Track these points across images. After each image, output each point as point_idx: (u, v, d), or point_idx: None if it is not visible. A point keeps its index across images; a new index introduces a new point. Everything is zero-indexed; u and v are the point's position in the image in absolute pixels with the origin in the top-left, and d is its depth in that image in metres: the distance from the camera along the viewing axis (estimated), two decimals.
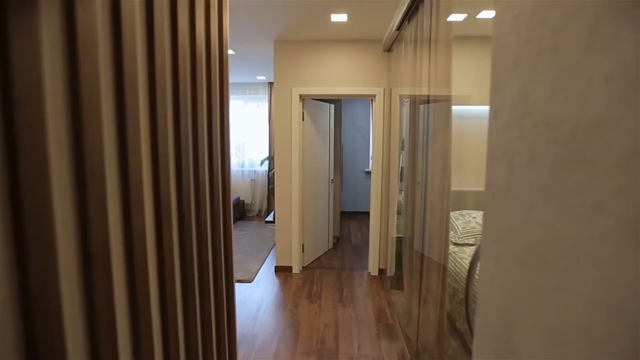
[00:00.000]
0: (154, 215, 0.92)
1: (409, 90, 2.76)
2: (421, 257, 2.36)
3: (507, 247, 0.62)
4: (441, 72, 2.03)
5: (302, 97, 3.72)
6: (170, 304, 0.98)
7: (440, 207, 1.92)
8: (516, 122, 0.60)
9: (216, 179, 1.34)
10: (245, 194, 6.78)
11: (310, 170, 4.03)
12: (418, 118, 2.51)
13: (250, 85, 6.53)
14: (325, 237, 4.50)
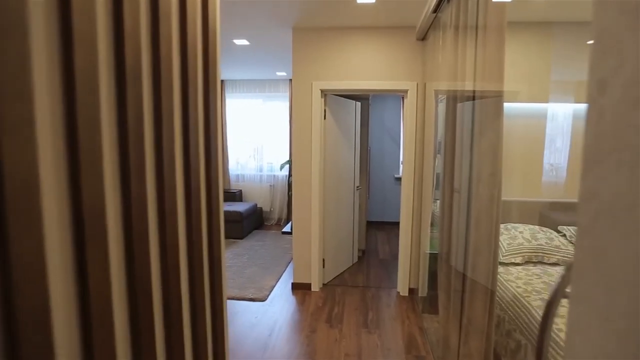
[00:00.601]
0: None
1: (448, 84, 2.53)
2: (462, 277, 2.11)
3: (624, 294, 0.41)
4: (491, 63, 1.81)
5: (324, 93, 3.56)
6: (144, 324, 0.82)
7: (488, 219, 1.68)
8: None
9: (195, 182, 1.18)
10: (263, 201, 6.68)
11: (332, 176, 3.84)
12: (460, 117, 2.28)
13: (270, 82, 6.44)
14: (348, 250, 4.29)
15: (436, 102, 3.16)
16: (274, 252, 4.87)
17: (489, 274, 1.72)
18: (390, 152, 6.42)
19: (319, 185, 3.60)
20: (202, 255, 1.21)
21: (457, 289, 2.20)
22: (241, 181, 6.77)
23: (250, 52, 4.47)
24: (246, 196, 6.73)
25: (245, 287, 3.73)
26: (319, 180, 3.59)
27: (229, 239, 5.53)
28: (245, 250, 5.01)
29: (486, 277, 1.74)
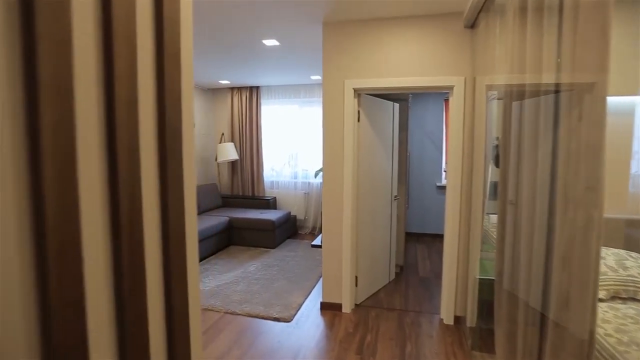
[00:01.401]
0: None
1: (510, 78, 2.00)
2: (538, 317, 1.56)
3: None
4: (587, 48, 1.30)
5: (357, 92, 3.10)
6: None
7: (584, 248, 1.14)
8: None
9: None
10: (297, 209, 6.30)
11: (367, 184, 3.36)
12: (532, 115, 1.75)
13: (305, 87, 6.08)
14: (385, 266, 3.77)
15: (489, 99, 2.60)
16: (305, 265, 4.44)
17: (584, 322, 1.17)
18: (432, 158, 5.81)
19: (352, 195, 3.13)
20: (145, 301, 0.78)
21: (529, 330, 1.64)
22: (275, 188, 6.44)
23: (281, 54, 4.12)
24: (280, 204, 6.38)
25: (271, 304, 3.32)
26: (351, 188, 3.12)
27: (261, 248, 5.18)
28: (276, 260, 4.62)
29: (581, 325, 1.19)
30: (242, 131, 6.37)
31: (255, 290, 3.64)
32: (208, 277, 4.02)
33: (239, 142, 6.40)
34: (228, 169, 6.54)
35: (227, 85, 6.18)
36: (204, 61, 4.54)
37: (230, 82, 5.95)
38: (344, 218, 3.15)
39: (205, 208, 5.71)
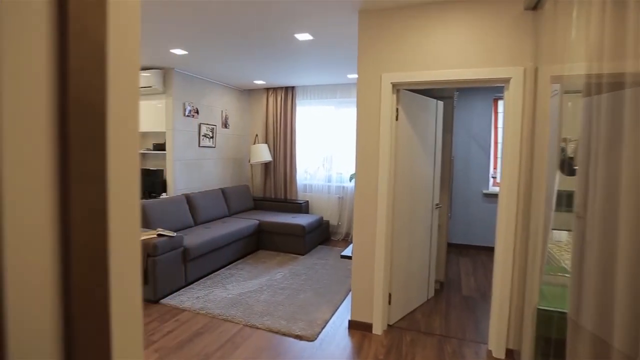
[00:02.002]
0: None
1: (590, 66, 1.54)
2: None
3: None
4: None
5: (396, 87, 2.70)
6: None
7: None
8: None
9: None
10: (330, 214, 5.94)
11: (405, 190, 2.94)
12: (633, 111, 1.29)
13: (341, 87, 5.73)
14: (422, 282, 3.31)
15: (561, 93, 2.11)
16: (334, 275, 4.07)
17: None
18: (478, 162, 5.22)
19: (387, 201, 2.73)
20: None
21: None
22: (308, 192, 6.12)
23: (315, 50, 3.80)
24: (313, 208, 6.05)
25: (295, 319, 2.98)
26: (387, 194, 2.72)
27: (290, 254, 4.88)
28: (305, 268, 4.29)
29: None
30: (276, 132, 6.13)
31: (279, 301, 3.33)
32: (232, 284, 3.77)
33: (272, 144, 6.17)
34: (261, 171, 6.33)
35: (263, 85, 5.97)
36: (237, 61, 4.33)
37: (265, 83, 5.73)
38: (378, 227, 2.75)
39: (236, 210, 5.50)
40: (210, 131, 5.55)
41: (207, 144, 5.51)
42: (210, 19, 3.00)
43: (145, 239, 3.34)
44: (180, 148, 5.00)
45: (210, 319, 3.01)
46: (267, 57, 4.16)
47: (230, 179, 6.20)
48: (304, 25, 3.07)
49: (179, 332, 2.79)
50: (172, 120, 4.86)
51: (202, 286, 3.69)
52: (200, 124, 5.33)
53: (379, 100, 2.67)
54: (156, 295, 3.30)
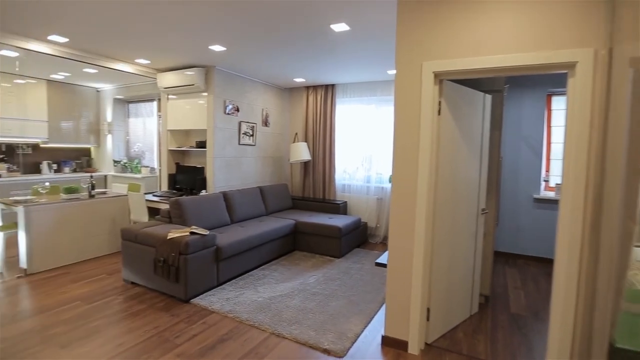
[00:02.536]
0: None
1: None
2: None
3: None
4: None
5: (439, 78, 2.32)
6: None
7: None
8: None
9: None
10: (369, 216, 5.59)
11: (447, 193, 2.55)
12: None
13: (382, 84, 5.36)
14: (465, 296, 2.89)
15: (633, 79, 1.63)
16: (370, 282, 3.74)
17: None
18: (528, 164, 4.61)
19: (427, 205, 2.36)
20: None
21: None
22: (347, 192, 5.82)
23: (353, 43, 3.49)
24: (351, 209, 5.74)
25: (324, 329, 2.70)
26: (427, 197, 2.35)
27: (325, 257, 4.61)
28: (339, 273, 4.00)
29: None
30: (315, 131, 5.89)
31: (309, 309, 3.07)
32: (264, 286, 3.57)
33: (312, 143, 5.94)
34: (300, 170, 6.13)
35: (303, 83, 5.76)
36: (275, 57, 4.13)
37: (305, 81, 5.51)
38: (416, 233, 2.40)
39: (274, 209, 5.34)
40: (250, 129, 5.44)
41: (247, 141, 5.41)
42: (246, 11, 2.81)
43: (177, 237, 3.24)
44: (220, 145, 4.93)
45: (237, 324, 2.83)
46: (304, 52, 3.92)
47: (270, 178, 6.07)
48: (340, 14, 2.77)
49: (203, 337, 2.63)
50: (212, 118, 4.79)
51: (234, 287, 3.54)
52: (240, 121, 5.23)
53: (419, 93, 2.31)
54: (187, 295, 3.19)
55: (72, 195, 4.38)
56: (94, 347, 2.47)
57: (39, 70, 5.43)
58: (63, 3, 2.75)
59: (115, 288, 3.52)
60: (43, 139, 6.22)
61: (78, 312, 3.00)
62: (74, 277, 3.81)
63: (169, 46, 3.86)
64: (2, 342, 2.51)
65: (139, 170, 6.48)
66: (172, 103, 5.24)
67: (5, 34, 3.52)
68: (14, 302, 3.18)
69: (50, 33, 3.53)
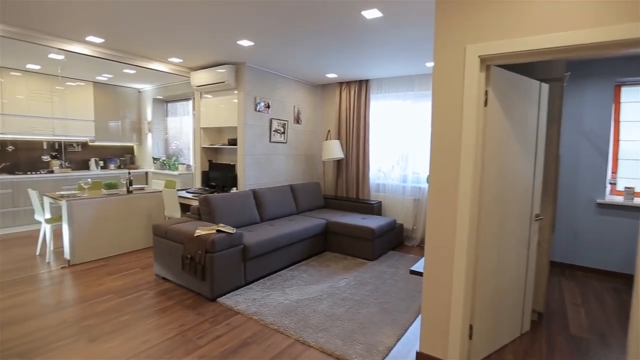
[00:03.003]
0: None
1: None
2: None
3: None
4: None
5: (486, 63, 2.02)
6: None
7: None
8: None
9: None
10: (405, 217, 5.28)
11: (494, 195, 2.24)
12: None
13: (420, 78, 5.02)
14: (515, 312, 2.54)
15: None
16: (405, 288, 3.46)
17: None
18: (590, 165, 4.07)
19: (471, 209, 2.07)
20: None
21: None
22: (382, 192, 5.54)
23: (386, 32, 3.23)
24: (386, 209, 5.46)
25: (353, 339, 2.49)
26: (470, 200, 2.06)
27: (357, 259, 4.38)
28: (372, 277, 3.76)
29: None
30: (349, 128, 5.67)
31: (338, 315, 2.87)
32: (292, 288, 3.42)
33: (345, 140, 5.72)
34: (333, 168, 5.94)
35: (336, 79, 5.56)
36: (305, 50, 3.97)
37: (337, 76, 5.31)
38: (458, 240, 2.11)
39: (305, 208, 5.19)
40: (281, 126, 5.33)
41: (278, 139, 5.30)
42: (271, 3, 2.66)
43: (203, 235, 3.17)
44: (251, 143, 4.86)
45: (262, 327, 2.70)
46: (334, 44, 3.71)
47: (302, 176, 5.94)
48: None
49: (227, 339, 2.52)
50: (243, 115, 4.73)
51: (261, 287, 3.42)
52: (271, 119, 5.13)
53: (461, 81, 2.03)
54: (213, 294, 3.11)
55: (112, 191, 4.51)
56: (120, 343, 2.45)
57: (85, 73, 5.69)
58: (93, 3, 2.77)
59: (147, 282, 3.54)
60: (90, 137, 6.53)
61: (110, 305, 3.03)
62: (111, 269, 3.89)
63: (198, 43, 3.82)
64: (38, 332, 2.57)
65: (176, 168, 6.62)
66: (204, 101, 5.26)
67: (47, 36, 3.65)
68: (56, 291, 3.29)
69: (87, 34, 3.61)
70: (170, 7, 2.86)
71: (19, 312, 2.88)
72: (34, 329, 2.62)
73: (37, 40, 3.63)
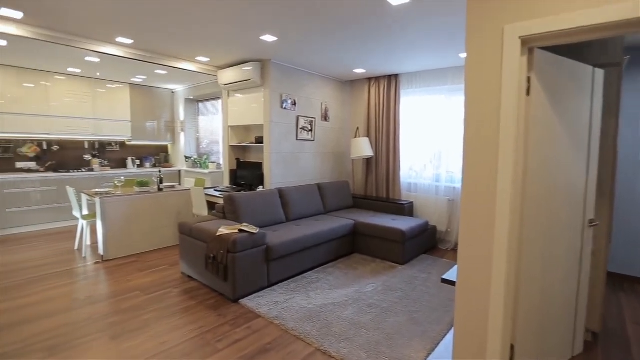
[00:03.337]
0: None
1: None
2: None
3: None
4: None
5: (528, 45, 1.75)
6: None
7: None
8: None
9: None
10: (438, 218, 4.98)
11: (539, 197, 1.96)
12: None
13: (453, 71, 4.70)
14: (566, 331, 2.23)
15: None
16: (437, 296, 3.21)
17: None
18: None
19: (511, 212, 1.82)
20: None
21: None
22: (413, 191, 5.27)
23: (415, 20, 3.00)
24: (418, 210, 5.18)
25: (378, 352, 2.31)
26: (510, 203, 1.81)
27: (387, 262, 4.17)
28: (402, 282, 3.54)
29: None
30: (378, 125, 5.44)
31: (363, 323, 2.69)
32: (316, 291, 3.29)
33: (374, 138, 5.50)
34: (362, 167, 5.73)
35: (364, 75, 5.35)
36: (330, 45, 3.81)
37: (366, 71, 5.10)
38: (496, 248, 1.87)
39: (333, 208, 5.03)
40: (308, 124, 5.21)
41: (305, 137, 5.19)
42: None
43: (225, 234, 3.12)
44: (277, 141, 4.78)
45: (282, 332, 2.58)
46: (361, 35, 3.52)
47: (330, 175, 5.79)
48: None
49: (245, 344, 2.43)
50: (269, 113, 4.66)
51: (285, 289, 3.32)
52: (298, 116, 5.03)
53: (499, 67, 1.78)
54: (235, 295, 3.04)
55: (144, 189, 4.61)
56: (140, 342, 2.43)
57: (121, 74, 5.89)
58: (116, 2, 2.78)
59: (173, 280, 3.55)
60: (127, 137, 6.79)
61: (136, 302, 3.06)
62: (141, 266, 3.97)
63: (222, 40, 3.78)
64: (65, 327, 2.62)
65: (207, 166, 6.71)
66: (232, 100, 5.26)
67: (80, 38, 3.77)
68: (87, 286, 3.39)
69: (117, 35, 3.68)
70: (192, 4, 2.82)
71: (50, 306, 2.97)
72: (62, 323, 2.69)
73: (72, 43, 3.76)
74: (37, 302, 3.04)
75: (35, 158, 5.93)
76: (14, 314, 2.84)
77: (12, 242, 4.85)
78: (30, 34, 3.47)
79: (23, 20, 3.27)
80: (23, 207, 5.40)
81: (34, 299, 3.12)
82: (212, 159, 7.00)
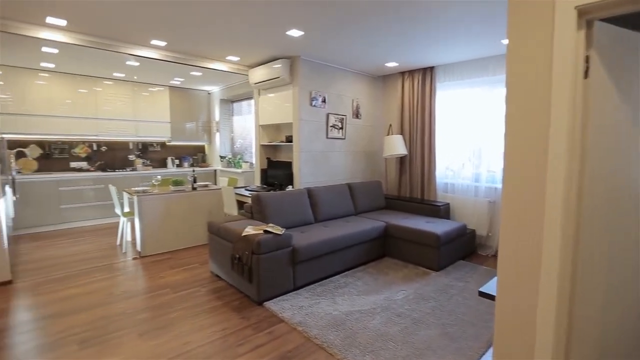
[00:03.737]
0: None
1: None
2: None
3: None
4: None
5: (586, 17, 1.44)
6: None
7: None
8: None
9: None
10: (478, 221, 4.58)
11: (600, 199, 1.63)
12: None
13: (495, 60, 4.28)
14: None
15: None
16: (476, 307, 2.90)
17: None
18: None
19: (564, 219, 1.52)
20: None
21: None
22: (450, 192, 4.90)
23: (451, 3, 2.71)
24: (455, 212, 4.80)
25: None
26: (562, 207, 1.50)
27: (420, 267, 3.88)
28: (436, 290, 3.25)
29: None
30: (412, 122, 5.13)
31: (391, 335, 2.47)
32: (343, 296, 3.10)
33: (408, 135, 5.20)
34: (396, 166, 5.44)
35: (397, 69, 5.06)
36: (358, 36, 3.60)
37: (399, 65, 4.81)
38: (545, 257, 1.57)
39: (364, 209, 4.80)
40: (339, 122, 5.02)
41: (336, 135, 5.00)
42: None
43: (250, 235, 3.02)
44: (306, 139, 4.64)
45: (305, 340, 2.43)
46: (392, 24, 3.27)
47: (362, 174, 5.56)
48: None
49: (267, 350, 2.31)
50: (298, 111, 4.53)
51: (311, 293, 3.16)
52: (328, 113, 4.85)
53: (549, 44, 1.48)
54: (260, 297, 2.94)
55: (179, 188, 4.68)
56: (164, 341, 2.41)
57: (160, 77, 6.06)
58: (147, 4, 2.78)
59: (202, 279, 3.54)
60: (167, 138, 7.00)
61: (165, 299, 3.07)
62: (173, 263, 4.01)
63: (247, 37, 3.70)
64: (99, 321, 2.68)
65: (240, 166, 6.75)
66: (262, 98, 5.20)
67: (117, 42, 3.86)
68: (124, 281, 3.47)
69: (151, 37, 3.73)
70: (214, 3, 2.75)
71: (89, 299, 3.08)
72: (96, 317, 2.75)
73: (111, 47, 3.87)
74: (79, 295, 3.16)
75: (87, 158, 6.28)
76: (58, 305, 2.98)
77: (65, 236, 5.15)
78: (75, 40, 3.61)
79: (67, 27, 3.41)
80: (75, 204, 5.74)
81: (77, 291, 3.25)
82: (245, 158, 7.04)
